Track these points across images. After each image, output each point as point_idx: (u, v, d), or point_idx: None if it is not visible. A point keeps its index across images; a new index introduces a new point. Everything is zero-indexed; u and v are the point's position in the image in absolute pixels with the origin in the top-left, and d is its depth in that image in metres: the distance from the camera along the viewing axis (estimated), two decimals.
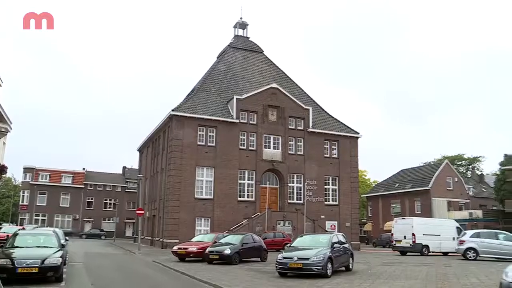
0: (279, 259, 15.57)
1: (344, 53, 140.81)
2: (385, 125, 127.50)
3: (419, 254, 29.25)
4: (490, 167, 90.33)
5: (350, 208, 41.12)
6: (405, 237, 30.14)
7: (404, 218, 35.08)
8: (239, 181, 37.80)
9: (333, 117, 43.48)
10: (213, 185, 36.61)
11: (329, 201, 40.74)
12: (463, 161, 77.20)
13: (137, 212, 35.50)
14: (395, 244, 31.50)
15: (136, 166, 58.56)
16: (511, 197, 47.66)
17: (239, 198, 37.44)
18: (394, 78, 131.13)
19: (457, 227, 31.52)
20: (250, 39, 47.36)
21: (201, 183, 36.45)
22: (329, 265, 15.10)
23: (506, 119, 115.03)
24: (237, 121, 37.83)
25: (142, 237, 37.83)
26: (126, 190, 72.03)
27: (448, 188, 57.88)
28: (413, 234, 29.67)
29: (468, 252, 25.46)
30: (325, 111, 43.92)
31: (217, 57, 47.40)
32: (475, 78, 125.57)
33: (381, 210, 62.45)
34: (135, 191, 57.44)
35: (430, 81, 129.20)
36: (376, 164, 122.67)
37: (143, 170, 48.45)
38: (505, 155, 53.11)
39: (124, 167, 76.19)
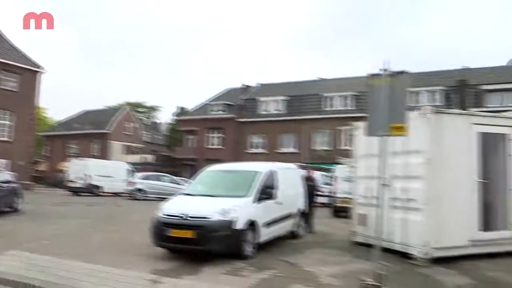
0: None
1: None
2: (79, 65, 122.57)
3: (92, 194, 30.32)
4: (165, 116, 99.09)
5: (25, 146, 38.94)
6: (79, 178, 30.81)
7: (80, 159, 35.50)
8: None
9: (14, 47, 39.82)
10: None
11: (3, 138, 37.68)
12: (143, 109, 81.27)
13: None
14: (69, 185, 31.87)
15: None
16: (178, 145, 53.49)
17: None
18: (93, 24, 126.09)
19: (129, 170, 33.86)
20: None
21: None
22: None
23: (182, 76, 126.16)
24: None
25: None
26: None
27: (126, 133, 60.80)
28: (88, 175, 30.63)
29: (137, 192, 28.08)
30: (7, 40, 39.80)
31: None
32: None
33: (59, 150, 61.03)
34: None
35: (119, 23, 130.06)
36: (63, 103, 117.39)
37: None
38: (179, 107, 59.01)
39: None
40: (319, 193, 14.02)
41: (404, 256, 9.02)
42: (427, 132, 8.83)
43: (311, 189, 13.35)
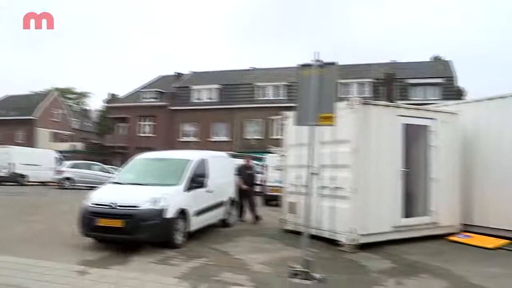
0: None
1: None
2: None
3: (16, 183, 28.90)
4: (96, 103, 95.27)
5: None
6: (2, 166, 29.20)
7: (3, 147, 33.66)
8: None
9: None
10: None
11: None
12: (73, 95, 78.29)
13: None
14: None
15: None
16: (109, 132, 52.07)
17: None
18: None
19: (57, 158, 32.56)
20: None
21: None
22: None
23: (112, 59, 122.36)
24: None
25: None
26: None
27: (54, 120, 58.34)
28: (11, 164, 29.09)
29: (65, 181, 27.07)
30: None
31: None
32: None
33: None
34: None
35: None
36: None
37: None
38: (110, 94, 57.34)
39: None
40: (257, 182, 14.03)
41: (332, 243, 9.31)
42: (354, 123, 9.10)
43: (251, 178, 13.39)
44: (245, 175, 13.07)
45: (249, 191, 13.19)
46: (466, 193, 10.87)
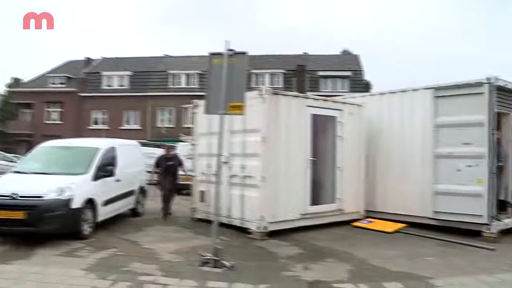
0: None
1: None
2: None
3: None
4: None
5: None
6: None
7: None
8: None
9: None
10: None
11: None
12: None
13: None
14: None
15: None
16: (13, 119, 48.75)
17: None
18: None
19: None
20: None
21: None
22: None
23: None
24: None
25: None
26: None
27: None
28: None
29: None
30: None
31: None
32: None
33: None
34: None
35: None
36: None
37: None
38: (13, 78, 53.81)
39: None
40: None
41: (243, 231, 9.43)
42: (264, 112, 9.22)
43: (172, 169, 11.92)
44: (164, 166, 11.89)
45: (168, 184, 11.84)
46: (370, 181, 11.44)
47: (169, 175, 11.84)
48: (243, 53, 7.00)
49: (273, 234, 9.22)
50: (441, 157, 9.98)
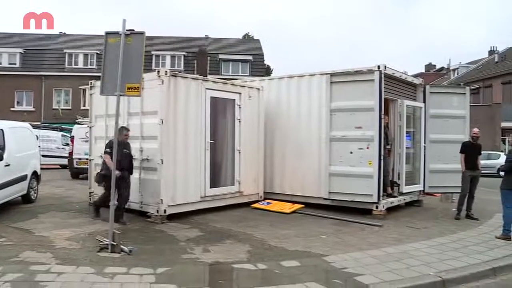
0: None
1: None
2: None
3: None
4: None
5: None
6: None
7: None
8: None
9: None
10: None
11: None
12: None
13: None
14: None
15: None
16: None
17: None
18: None
19: None
20: None
21: None
22: None
23: None
24: None
25: None
26: None
27: None
28: None
29: None
30: None
31: None
32: None
33: None
34: None
35: None
36: None
37: None
38: None
39: None
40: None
41: (144, 214, 9.32)
42: (162, 94, 9.09)
43: (129, 158, 9.05)
44: (119, 154, 7.72)
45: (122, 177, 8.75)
46: (269, 163, 11.74)
47: (127, 164, 9.04)
48: (141, 33, 6.79)
49: (173, 217, 9.19)
50: (336, 140, 10.44)
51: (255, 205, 11.11)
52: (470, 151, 10.44)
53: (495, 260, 6.74)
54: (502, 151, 28.77)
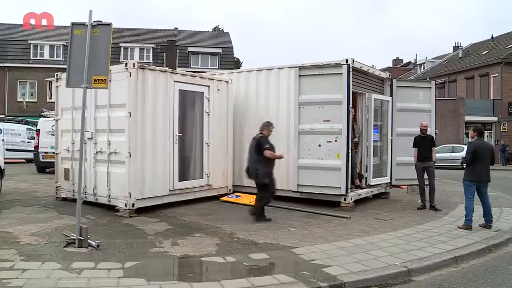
0: None
1: None
2: None
3: None
4: None
5: None
6: None
7: None
8: None
9: None
10: None
11: None
12: None
13: None
14: None
15: None
16: None
17: None
18: None
19: None
20: None
21: None
22: None
23: None
24: None
25: None
26: None
27: None
28: None
29: None
30: None
31: None
32: None
33: None
34: None
35: None
36: None
37: None
38: None
39: None
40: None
41: (111, 208, 9.22)
42: (130, 87, 8.97)
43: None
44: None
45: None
46: (238, 156, 11.74)
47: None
48: (108, 25, 6.68)
49: (142, 210, 9.13)
50: (304, 133, 10.52)
51: (224, 198, 11.12)
52: (421, 144, 10.74)
53: (457, 249, 6.94)
54: (465, 144, 29.53)
